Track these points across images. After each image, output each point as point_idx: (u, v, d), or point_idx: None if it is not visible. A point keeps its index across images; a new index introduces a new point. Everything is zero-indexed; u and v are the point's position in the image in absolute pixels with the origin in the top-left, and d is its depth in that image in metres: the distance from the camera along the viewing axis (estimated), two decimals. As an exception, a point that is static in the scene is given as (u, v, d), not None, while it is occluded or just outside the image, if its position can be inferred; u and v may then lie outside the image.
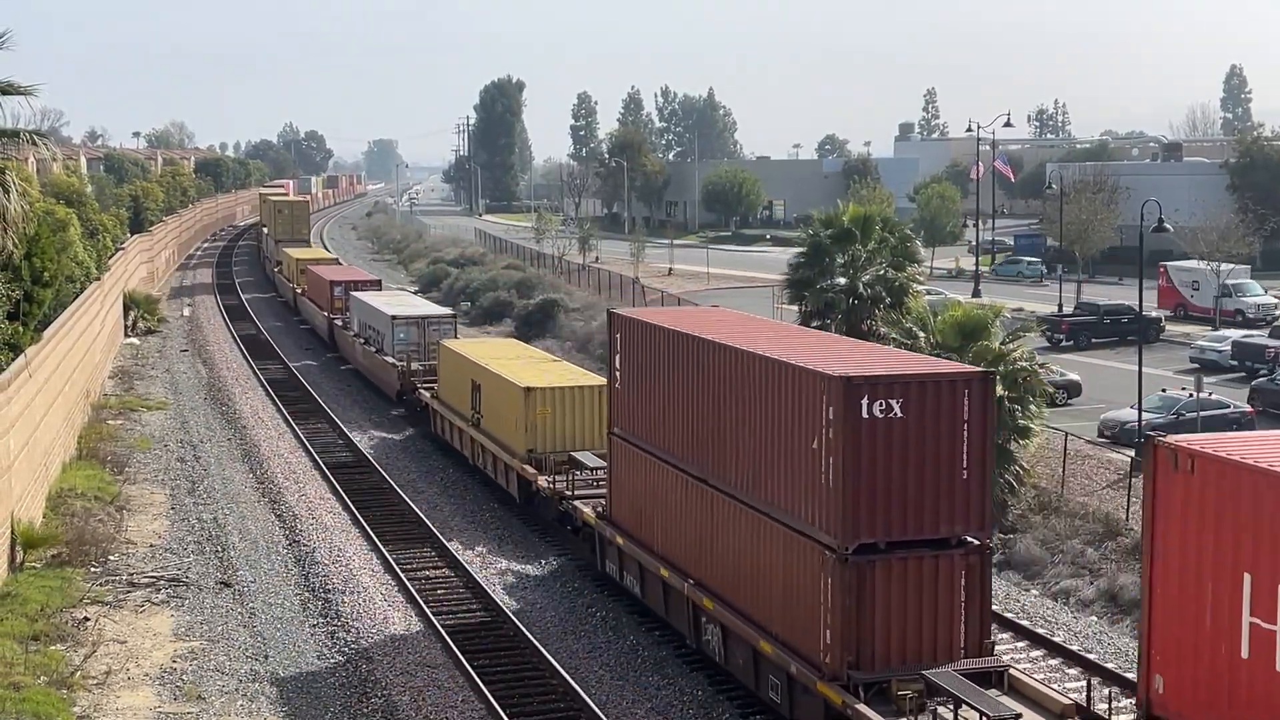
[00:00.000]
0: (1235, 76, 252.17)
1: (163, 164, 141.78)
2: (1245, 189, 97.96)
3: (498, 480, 40.16)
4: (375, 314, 57.43)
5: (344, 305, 66.15)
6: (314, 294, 74.84)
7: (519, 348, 48.04)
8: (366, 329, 59.06)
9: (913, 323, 38.76)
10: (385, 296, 63.28)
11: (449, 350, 46.90)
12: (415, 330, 54.01)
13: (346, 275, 73.39)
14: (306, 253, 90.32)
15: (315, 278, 74.99)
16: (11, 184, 31.38)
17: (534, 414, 37.21)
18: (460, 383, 44.13)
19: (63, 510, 36.62)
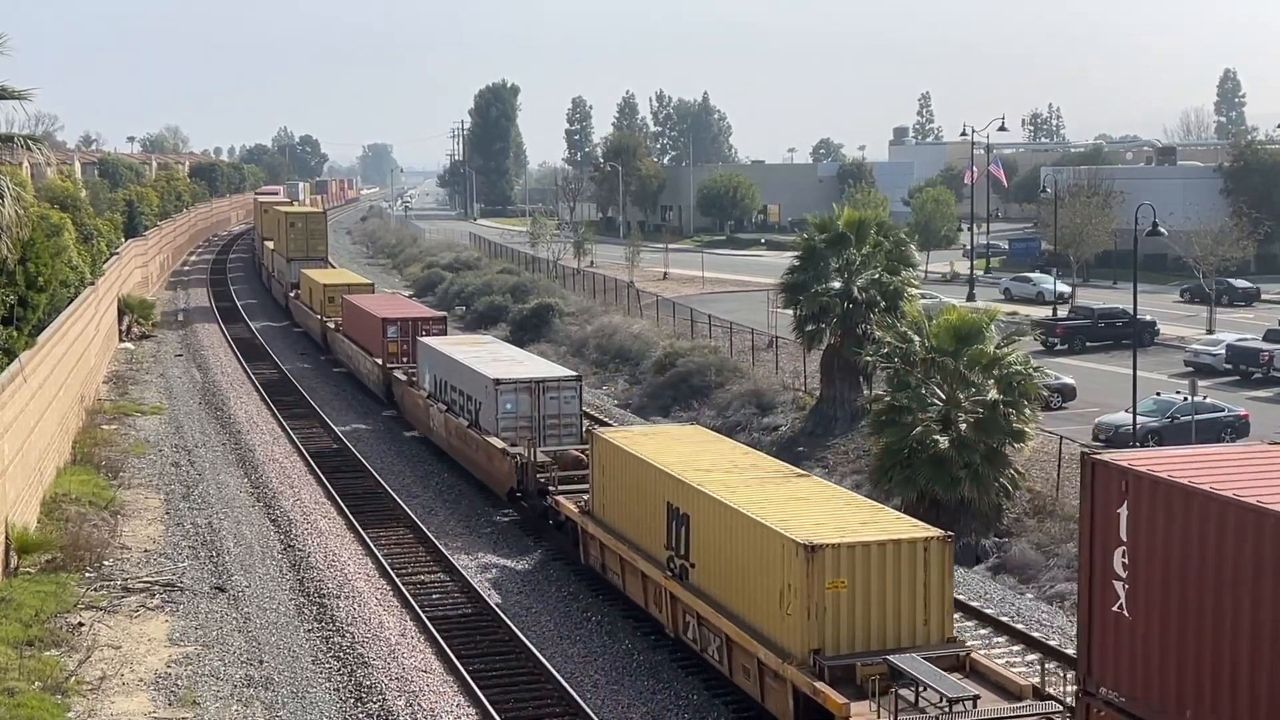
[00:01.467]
0: (1229, 80, 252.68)
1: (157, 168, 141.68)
2: (1239, 193, 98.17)
3: (739, 681, 25.27)
4: (461, 371, 43.53)
5: (402, 350, 54.62)
6: (356, 332, 61.13)
7: (716, 444, 31.54)
8: (448, 391, 45.01)
9: (908, 327, 38.78)
10: (471, 347, 48.12)
11: (613, 446, 31.01)
12: (529, 399, 40.22)
13: (401, 310, 59.50)
14: (334, 276, 75.93)
15: (357, 312, 61.21)
16: (5, 189, 31.36)
17: (821, 588, 22.51)
18: (638, 499, 29.47)
19: (57, 515, 36.56)
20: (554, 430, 40.09)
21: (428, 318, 57.84)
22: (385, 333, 55.28)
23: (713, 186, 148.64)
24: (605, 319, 70.41)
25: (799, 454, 45.09)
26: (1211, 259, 75.92)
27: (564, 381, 40.92)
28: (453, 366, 44.64)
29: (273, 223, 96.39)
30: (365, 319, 58.79)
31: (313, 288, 74.00)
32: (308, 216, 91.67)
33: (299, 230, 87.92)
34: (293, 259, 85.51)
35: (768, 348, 58.82)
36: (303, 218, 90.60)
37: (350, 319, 62.94)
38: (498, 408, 39.96)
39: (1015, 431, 36.33)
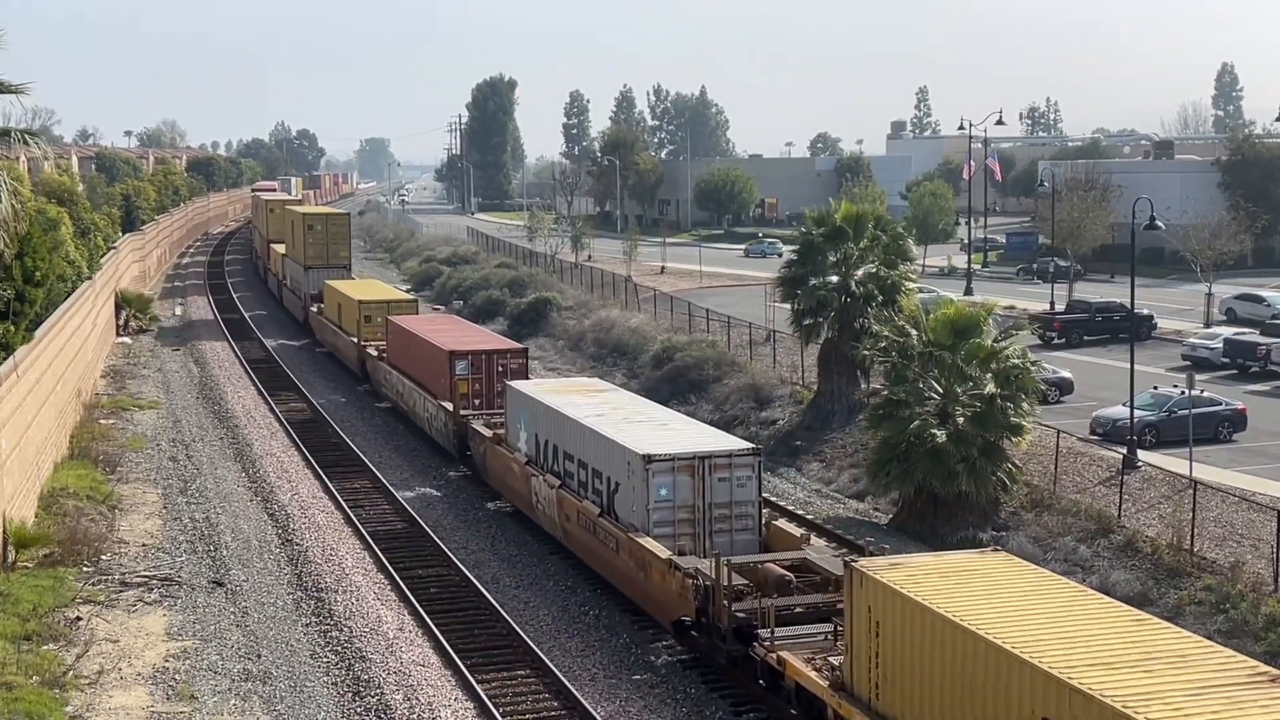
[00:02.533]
0: (1227, 74, 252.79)
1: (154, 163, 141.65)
2: (1237, 187, 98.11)
3: None
4: (583, 436, 32.80)
5: (475, 391, 44.33)
6: (409, 364, 50.69)
7: (1070, 595, 20.07)
8: (560, 459, 34.29)
9: (905, 320, 38.79)
10: (587, 397, 36.43)
11: (912, 606, 19.75)
12: (690, 482, 29.39)
13: (469, 339, 48.55)
14: (368, 290, 65.80)
15: (408, 339, 50.62)
16: (3, 183, 31.35)
17: None
18: (968, 697, 18.54)
19: (55, 510, 36.56)
20: (722, 524, 29.40)
21: (505, 350, 45.98)
22: (453, 369, 44.41)
23: (710, 180, 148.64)
24: (603, 313, 70.38)
25: (796, 448, 45.12)
26: (1209, 253, 75.91)
27: (737, 456, 29.78)
28: (568, 427, 33.96)
29: (285, 224, 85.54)
30: (422, 349, 48.44)
31: (343, 304, 63.36)
32: (328, 219, 78.55)
33: (318, 235, 75.97)
34: (311, 267, 74.72)
35: (765, 342, 58.82)
36: (322, 220, 77.94)
37: (399, 347, 52.47)
38: (649, 493, 29.18)
39: (1013, 425, 36.35)
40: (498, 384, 43.50)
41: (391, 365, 53.15)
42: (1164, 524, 34.37)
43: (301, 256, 76.43)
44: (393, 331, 53.58)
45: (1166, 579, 31.68)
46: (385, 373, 54.04)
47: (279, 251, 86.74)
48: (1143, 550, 33.08)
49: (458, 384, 44.36)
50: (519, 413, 37.71)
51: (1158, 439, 43.82)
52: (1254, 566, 31.38)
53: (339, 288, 65.75)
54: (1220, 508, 35.00)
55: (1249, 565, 31.47)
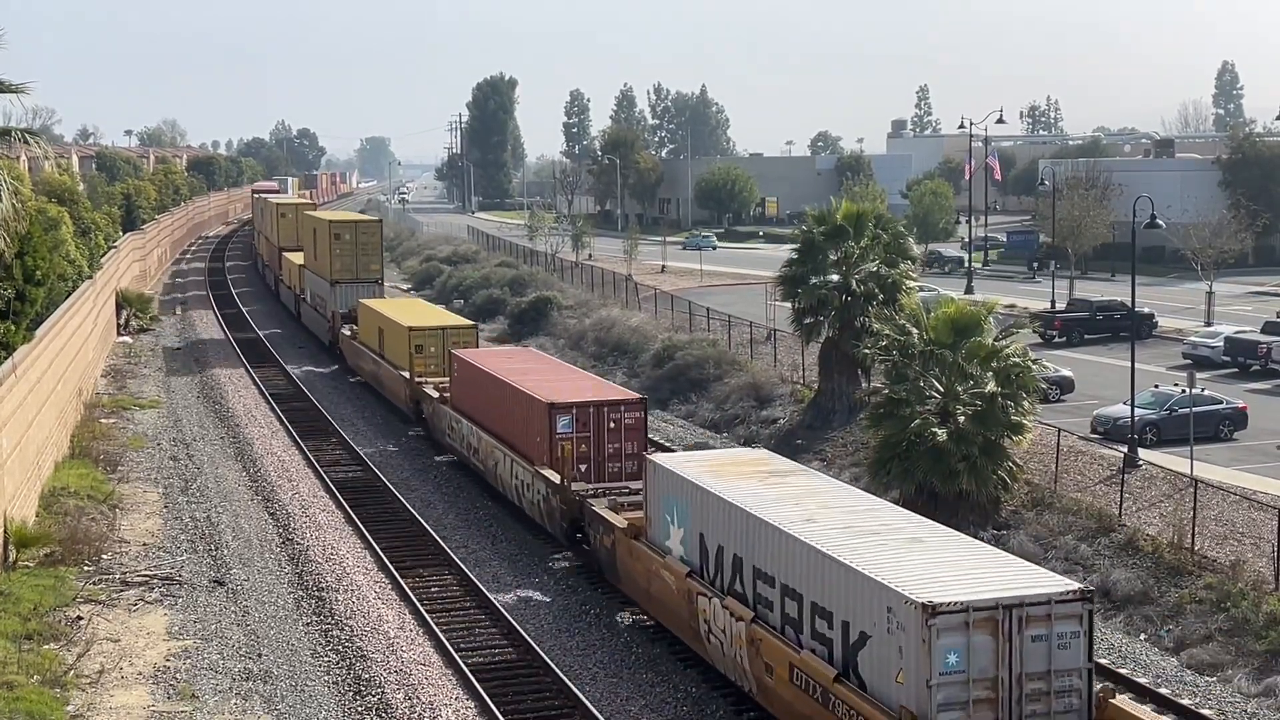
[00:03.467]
0: (1227, 73, 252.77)
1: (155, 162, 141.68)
2: (1237, 185, 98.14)
3: None
4: (791, 550, 23.57)
5: (580, 455, 35.31)
6: (484, 411, 41.20)
7: None
8: (744, 574, 25.20)
9: (906, 319, 38.78)
10: (766, 481, 27.12)
11: None
12: (991, 644, 20.30)
13: (568, 384, 38.71)
14: (415, 313, 55.93)
15: (484, 380, 41.18)
16: (3, 183, 31.35)
17: None
18: None
19: (56, 509, 36.56)
20: (1038, 710, 20.53)
21: (618, 401, 36.44)
22: (553, 426, 35.42)
23: (711, 179, 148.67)
24: (604, 312, 70.37)
25: (797, 447, 45.11)
26: (1209, 251, 75.91)
27: (1059, 603, 20.56)
28: (762, 535, 24.35)
29: (304, 232, 76.10)
30: (504, 396, 39.20)
31: (387, 329, 54.19)
32: (358, 227, 68.27)
33: (347, 244, 66.81)
34: (339, 281, 65.93)
35: (766, 340, 58.83)
36: (351, 228, 67.85)
37: (469, 388, 42.96)
38: (930, 661, 19.83)
39: (1013, 424, 36.33)
40: (608, 444, 35.74)
41: (458, 411, 43.58)
42: (1165, 522, 34.37)
43: (327, 269, 67.14)
44: (460, 369, 43.76)
45: (1167, 577, 31.68)
46: (450, 420, 44.41)
47: (294, 262, 77.90)
48: (1143, 549, 33.08)
49: (559, 444, 35.11)
50: (669, 501, 27.96)
51: (1158, 437, 43.82)
52: (1254, 565, 31.38)
53: (380, 309, 56.49)
54: (1221, 506, 35.00)
55: (1249, 564, 31.47)
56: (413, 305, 61.72)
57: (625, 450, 35.84)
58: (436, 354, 50.15)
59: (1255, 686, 27.20)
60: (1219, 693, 27.15)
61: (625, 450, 35.84)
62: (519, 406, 37.86)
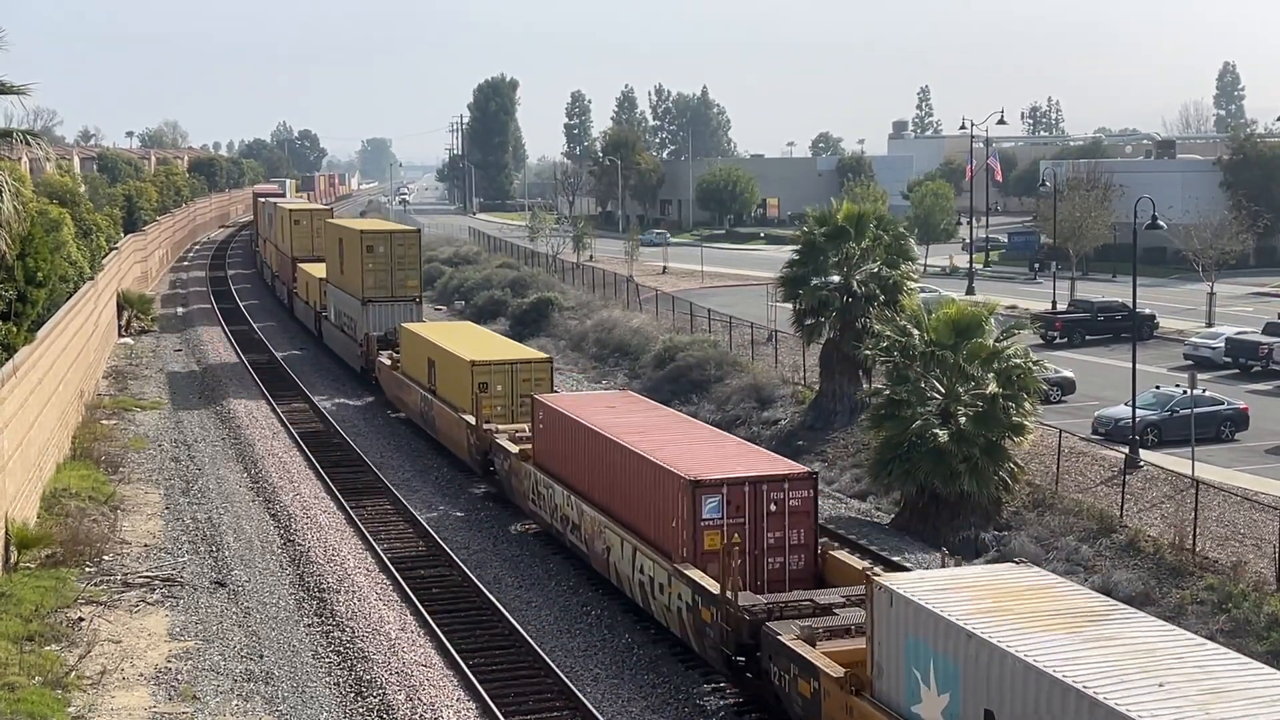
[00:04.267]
0: (1229, 74, 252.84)
1: (156, 163, 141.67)
2: (1238, 186, 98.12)
3: None
4: None
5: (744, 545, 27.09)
6: (588, 478, 32.52)
7: None
8: None
9: (907, 320, 38.79)
10: (1072, 628, 18.18)
11: None
12: None
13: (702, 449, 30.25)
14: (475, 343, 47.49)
15: (597, 447, 31.94)
16: (4, 184, 31.37)
17: None
18: None
19: (57, 510, 36.58)
20: None
21: (781, 476, 27.76)
22: (696, 509, 26.91)
23: (712, 180, 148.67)
24: (605, 313, 70.39)
25: (798, 448, 45.11)
26: (1210, 252, 75.91)
27: None
28: None
29: (327, 242, 68.28)
30: (618, 460, 30.59)
31: (441, 361, 46.04)
32: (393, 238, 59.44)
33: (381, 259, 58.28)
34: (372, 301, 57.83)
35: (767, 342, 58.84)
36: (385, 240, 58.96)
37: (560, 444, 34.39)
38: None
39: (1014, 425, 36.35)
40: (768, 533, 27.12)
41: (547, 472, 35.20)
42: (1166, 524, 34.37)
43: (357, 286, 58.67)
44: (547, 420, 35.47)
45: (1168, 579, 31.67)
46: (534, 482, 35.98)
47: (313, 275, 70.60)
48: (1145, 550, 33.08)
49: (703, 535, 26.78)
50: (916, 649, 19.45)
51: (1159, 438, 43.81)
52: (1256, 566, 31.38)
53: (430, 337, 48.69)
54: (1222, 507, 35.00)
55: (1251, 565, 31.47)
56: (467, 332, 52.57)
57: (790, 541, 27.32)
58: (505, 393, 42.45)
59: (1257, 687, 27.17)
60: (1220, 694, 27.12)
61: (790, 541, 27.32)
62: (643, 478, 29.30)
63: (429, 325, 55.29)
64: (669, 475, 28.00)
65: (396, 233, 61.36)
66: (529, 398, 38.95)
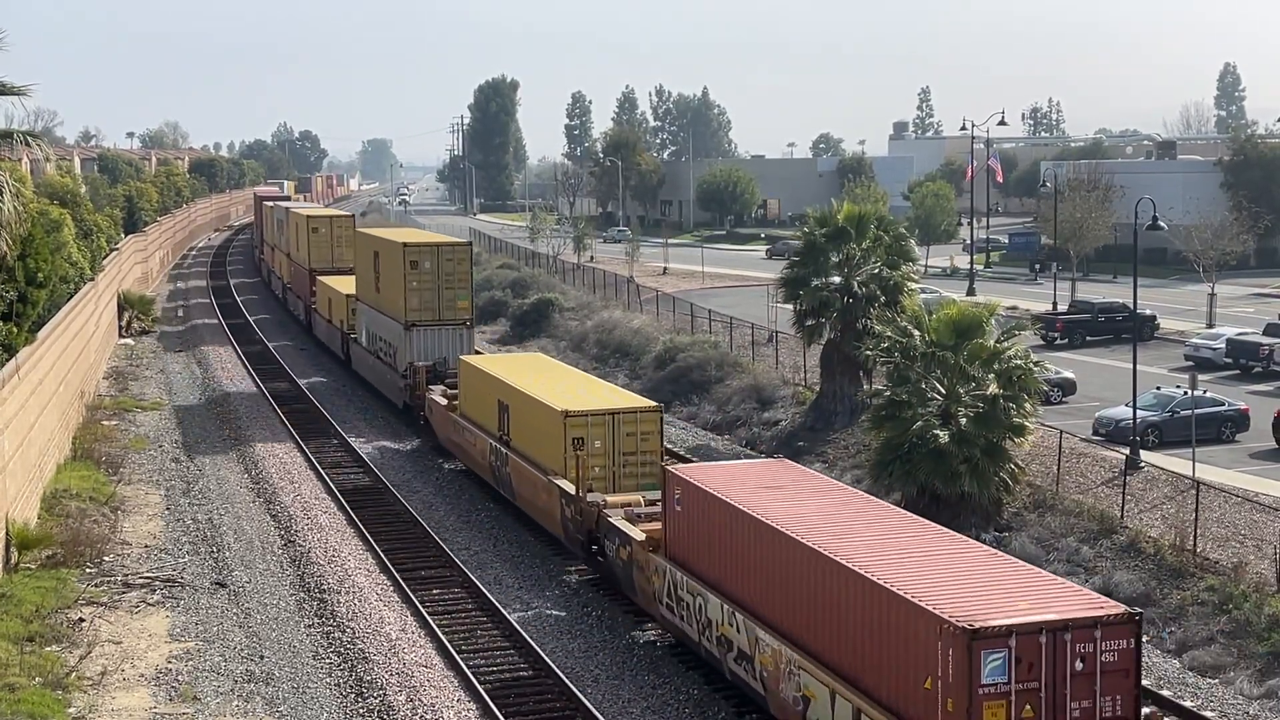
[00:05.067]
0: (1229, 75, 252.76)
1: (157, 164, 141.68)
2: (1239, 187, 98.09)
3: None
4: None
5: None
6: (768, 595, 23.94)
7: None
8: None
9: (907, 321, 38.77)
10: None
11: None
12: None
13: (960, 572, 20.97)
14: (571, 386, 38.61)
15: (792, 552, 22.86)
16: (5, 185, 31.38)
17: None
18: None
19: (57, 511, 36.58)
20: None
21: (1092, 620, 19.28)
22: (973, 668, 18.72)
23: (712, 181, 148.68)
24: (605, 314, 70.40)
25: (799, 448, 45.11)
26: (1211, 253, 75.88)
27: None
28: None
29: (359, 255, 59.47)
30: (817, 575, 22.37)
31: (514, 406, 37.66)
32: (440, 252, 51.07)
33: (427, 276, 50.22)
34: (417, 324, 50.00)
35: (768, 342, 58.84)
36: (432, 253, 50.68)
37: (711, 535, 26.21)
38: None
39: (1015, 426, 36.32)
40: (1073, 702, 19.17)
41: (689, 570, 26.88)
42: (1166, 524, 34.36)
43: (399, 307, 50.67)
44: (694, 506, 26.62)
45: (1169, 579, 31.66)
46: (676, 586, 27.36)
47: (338, 290, 62.87)
48: (1145, 551, 33.07)
49: (983, 703, 18.83)
50: None
51: (1160, 439, 43.79)
52: (1256, 567, 31.37)
53: (501, 375, 39.87)
54: (1223, 508, 35.00)
55: (1251, 566, 31.46)
56: (542, 367, 43.45)
57: (1103, 714, 19.27)
58: (604, 449, 34.17)
59: (1257, 689, 27.18)
60: (1221, 695, 27.14)
61: (1103, 714, 19.27)
62: (869, 611, 20.79)
63: (495, 359, 47.77)
64: (922, 616, 19.36)
65: (445, 246, 52.67)
66: (635, 456, 33.93)
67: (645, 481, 33.66)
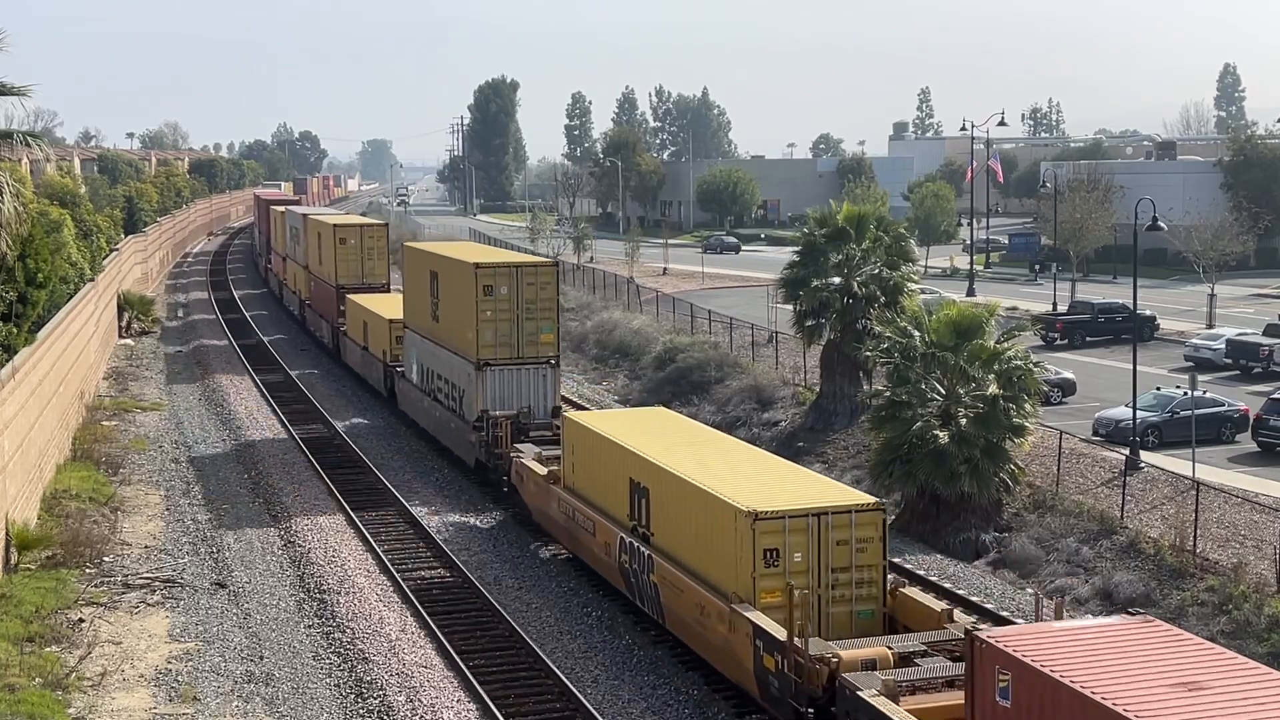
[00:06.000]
0: (1229, 75, 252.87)
1: (157, 164, 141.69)
2: (1239, 187, 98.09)
3: None
4: None
5: None
6: None
7: None
8: None
9: (907, 321, 38.78)
10: None
11: None
12: None
13: None
14: (766, 475, 27.40)
15: None
16: (5, 185, 31.38)
17: None
18: None
19: (57, 511, 36.58)
20: None
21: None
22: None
23: (712, 182, 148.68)
24: (605, 314, 70.40)
25: (799, 449, 45.11)
26: (1211, 254, 75.89)
27: None
28: None
29: (410, 274, 49.50)
30: None
31: (660, 489, 28.16)
32: (522, 273, 41.61)
33: (504, 301, 40.99)
34: (492, 364, 40.60)
35: (768, 343, 58.82)
36: (510, 274, 41.32)
37: None
38: None
39: (1015, 426, 36.35)
40: None
41: None
42: (1166, 525, 34.35)
43: (469, 343, 40.93)
44: (1030, 687, 16.77)
45: (1169, 580, 31.66)
46: None
47: (379, 315, 53.48)
48: (1145, 551, 33.07)
49: None
50: None
51: (1160, 440, 43.80)
52: (1256, 567, 31.36)
53: (632, 444, 30.09)
54: (1223, 509, 35.00)
55: (1251, 566, 31.45)
56: (677, 430, 32.56)
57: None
58: (805, 564, 24.59)
59: (1257, 689, 27.15)
60: (1221, 695, 27.10)
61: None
62: None
63: (613, 416, 38.38)
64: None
65: (526, 266, 42.18)
66: (849, 573, 24.87)
67: (861, 609, 24.97)
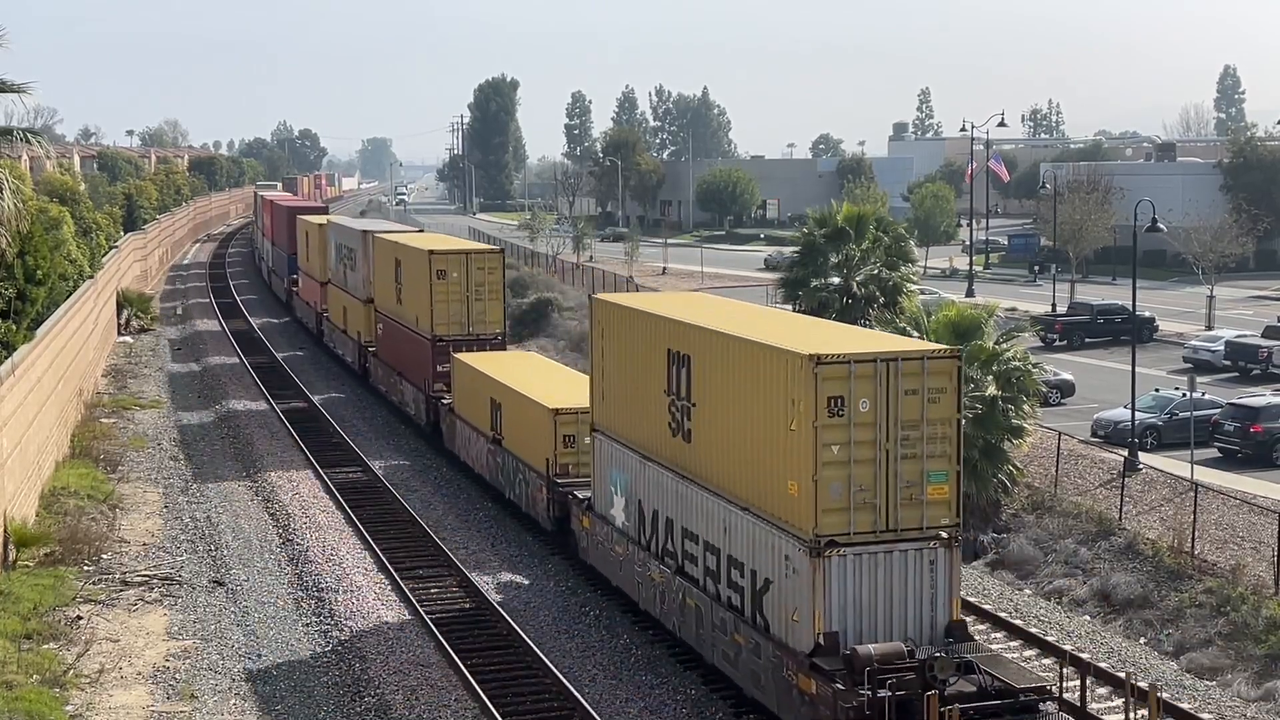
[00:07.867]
0: (1229, 77, 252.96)
1: (156, 162, 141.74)
2: (1239, 189, 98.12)
3: None
4: None
5: None
6: None
7: None
8: None
9: (906, 322, 38.78)
10: None
11: None
12: None
13: None
14: None
15: None
16: (4, 182, 31.38)
17: None
18: None
19: (56, 509, 36.57)
20: None
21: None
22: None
23: (712, 181, 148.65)
24: (604, 314, 70.22)
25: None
26: (1210, 255, 75.89)
27: None
28: None
29: (615, 338, 30.48)
30: None
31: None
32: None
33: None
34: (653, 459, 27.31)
35: (767, 343, 58.66)
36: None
37: None
38: None
39: (1014, 427, 36.36)
40: None
41: None
42: (1165, 526, 34.37)
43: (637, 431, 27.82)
44: None
45: (1167, 581, 31.67)
46: None
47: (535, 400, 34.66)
48: (1144, 553, 33.07)
49: None
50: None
51: (1159, 441, 43.81)
52: (1255, 569, 31.38)
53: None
54: (1221, 510, 35.00)
55: (1250, 568, 31.47)
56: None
57: None
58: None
59: (1255, 691, 27.17)
60: (1219, 697, 27.11)
61: None
62: None
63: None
64: None
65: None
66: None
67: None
